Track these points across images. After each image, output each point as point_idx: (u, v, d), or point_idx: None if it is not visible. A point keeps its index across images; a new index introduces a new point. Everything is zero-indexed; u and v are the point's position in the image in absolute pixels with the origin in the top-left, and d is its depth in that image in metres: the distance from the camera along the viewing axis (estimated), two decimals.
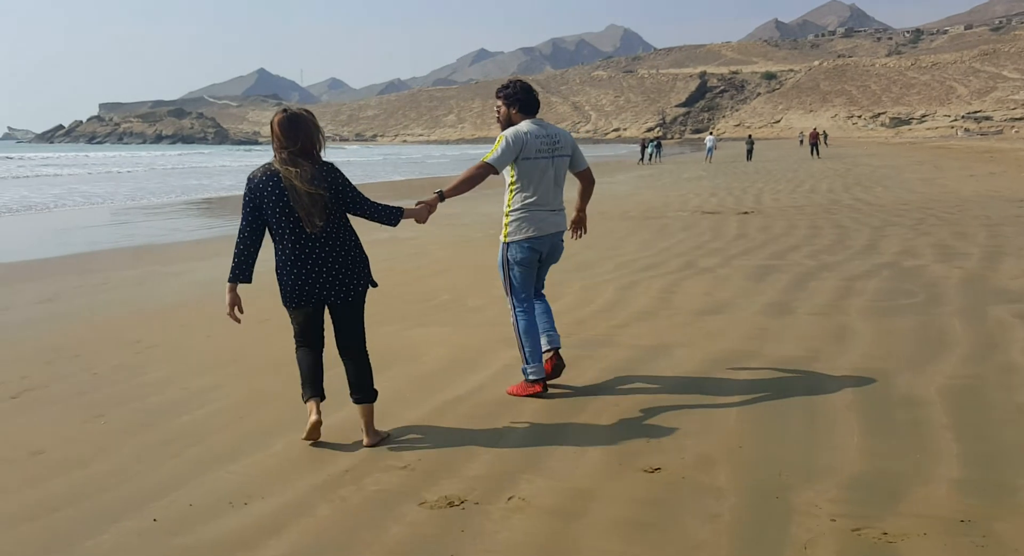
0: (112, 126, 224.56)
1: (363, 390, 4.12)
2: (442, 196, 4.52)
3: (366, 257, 4.14)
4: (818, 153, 45.22)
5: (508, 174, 4.76)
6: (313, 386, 4.10)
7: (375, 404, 4.15)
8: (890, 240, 11.05)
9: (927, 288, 7.70)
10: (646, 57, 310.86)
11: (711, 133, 53.92)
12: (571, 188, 5.01)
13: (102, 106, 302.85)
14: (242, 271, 3.99)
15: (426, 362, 5.69)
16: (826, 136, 72.36)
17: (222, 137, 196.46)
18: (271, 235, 4.00)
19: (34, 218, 20.54)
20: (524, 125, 4.73)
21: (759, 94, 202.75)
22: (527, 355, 4.81)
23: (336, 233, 3.98)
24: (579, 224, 5.22)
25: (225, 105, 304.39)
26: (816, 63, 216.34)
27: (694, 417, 4.40)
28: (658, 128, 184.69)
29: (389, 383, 5.04)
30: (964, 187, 19.89)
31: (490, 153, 4.64)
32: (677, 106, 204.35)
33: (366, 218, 4.13)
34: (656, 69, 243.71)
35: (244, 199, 4.00)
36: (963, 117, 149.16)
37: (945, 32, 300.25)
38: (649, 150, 47.12)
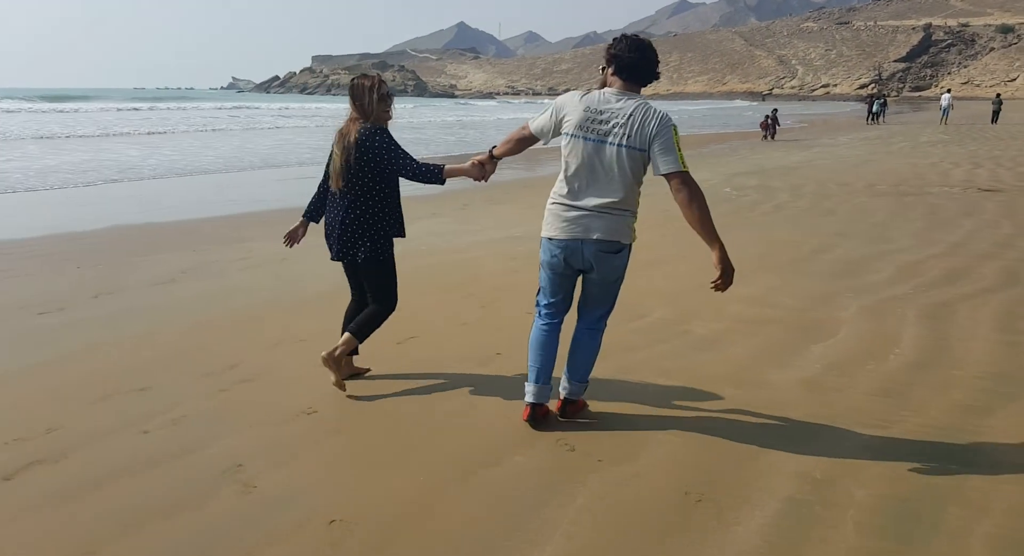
0: (322, 78, 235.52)
1: (357, 331, 4.30)
2: (492, 154, 4.09)
3: (384, 227, 4.22)
4: None
5: None
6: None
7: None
8: None
9: None
10: (863, 8, 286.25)
11: (948, 91, 47.02)
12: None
13: (314, 58, 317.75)
14: (310, 212, 4.51)
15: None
16: None
17: (421, 89, 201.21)
18: None
19: (228, 176, 19.86)
20: (593, 93, 3.61)
21: (992, 49, 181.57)
22: (529, 370, 3.80)
23: (357, 197, 4.15)
24: (720, 275, 3.48)
25: (425, 58, 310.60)
26: None
27: None
28: (872, 85, 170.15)
29: None
30: None
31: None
32: (896, 61, 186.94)
33: (411, 179, 4.15)
34: (873, 21, 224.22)
35: None
36: None
37: None
38: (876, 108, 41.65)
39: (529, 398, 3.75)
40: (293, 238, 4.55)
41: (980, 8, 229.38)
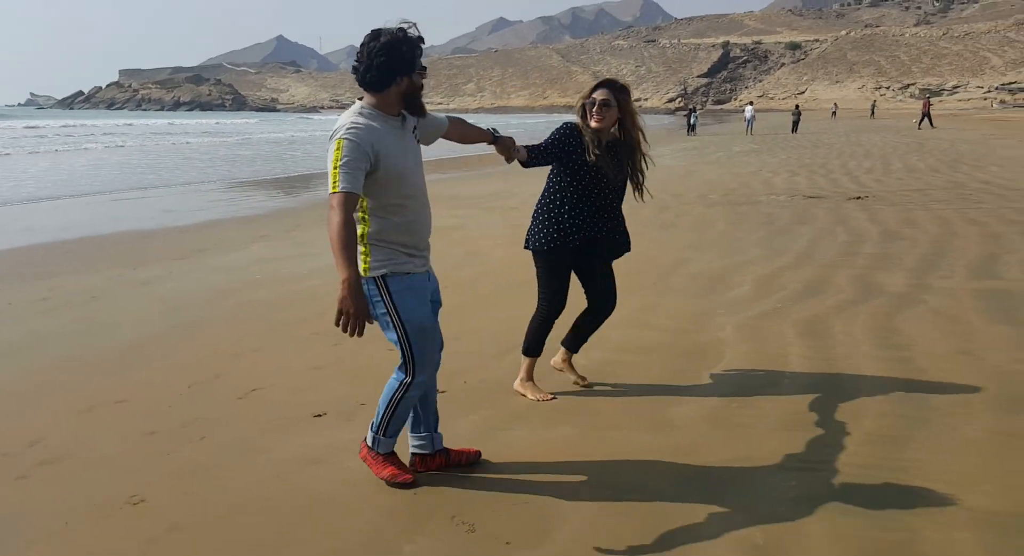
0: (131, 92, 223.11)
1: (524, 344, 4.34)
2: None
3: (535, 220, 4.23)
4: (931, 123, 41.25)
5: None
6: None
7: None
8: None
9: None
10: (667, 27, 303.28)
11: (750, 104, 50.25)
12: None
13: (122, 72, 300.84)
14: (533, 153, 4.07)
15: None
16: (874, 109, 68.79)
17: (240, 104, 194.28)
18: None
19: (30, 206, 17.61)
20: None
21: (783, 65, 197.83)
22: None
23: None
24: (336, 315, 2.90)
25: (243, 72, 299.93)
26: (843, 33, 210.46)
27: None
28: (680, 99, 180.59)
29: None
30: None
31: None
32: (699, 76, 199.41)
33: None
34: (677, 39, 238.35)
35: None
36: (997, 88, 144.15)
37: (976, 1, 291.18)
38: (693, 120, 43.67)
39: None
40: None
41: (771, 27, 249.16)
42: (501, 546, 2.78)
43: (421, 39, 3.00)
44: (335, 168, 2.86)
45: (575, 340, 4.38)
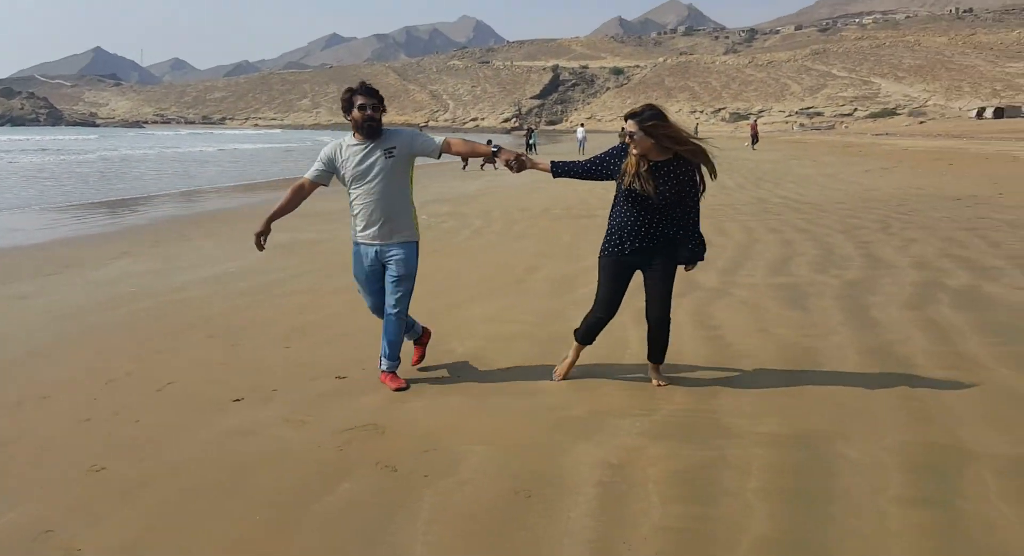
0: None
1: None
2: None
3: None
4: (752, 144, 47.19)
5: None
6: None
7: None
8: (882, 247, 9.80)
9: None
10: (500, 49, 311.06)
11: (582, 125, 53.20)
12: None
13: None
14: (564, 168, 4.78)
15: None
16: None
17: (55, 118, 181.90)
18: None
19: None
20: None
21: (609, 88, 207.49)
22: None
23: None
24: None
25: (58, 85, 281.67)
26: (660, 60, 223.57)
27: None
28: (515, 119, 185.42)
29: None
30: (879, 183, 19.39)
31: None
32: (532, 98, 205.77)
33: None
34: (510, 61, 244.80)
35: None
36: (797, 112, 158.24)
37: (777, 32, 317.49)
38: (532, 140, 45.41)
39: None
40: None
41: (596, 52, 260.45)
42: (420, 478, 3.58)
43: (354, 90, 4.71)
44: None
45: (649, 349, 4.87)
